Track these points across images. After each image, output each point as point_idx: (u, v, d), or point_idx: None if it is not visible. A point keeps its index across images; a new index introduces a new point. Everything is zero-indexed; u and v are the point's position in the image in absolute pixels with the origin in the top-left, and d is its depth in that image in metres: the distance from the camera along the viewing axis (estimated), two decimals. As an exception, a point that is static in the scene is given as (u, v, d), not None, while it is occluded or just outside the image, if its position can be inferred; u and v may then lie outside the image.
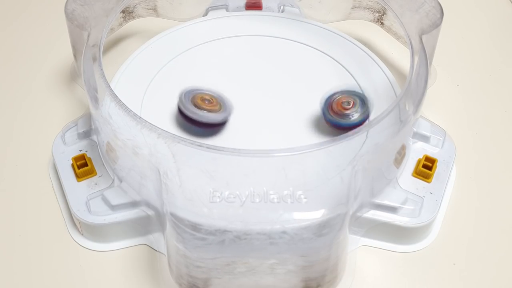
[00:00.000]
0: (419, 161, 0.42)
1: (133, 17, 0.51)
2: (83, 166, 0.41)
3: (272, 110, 0.44)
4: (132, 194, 0.38)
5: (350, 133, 0.36)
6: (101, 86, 0.39)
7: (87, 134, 0.43)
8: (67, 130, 0.43)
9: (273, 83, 0.46)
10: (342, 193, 0.35)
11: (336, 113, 0.40)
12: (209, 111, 0.41)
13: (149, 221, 0.38)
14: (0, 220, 0.41)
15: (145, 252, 0.39)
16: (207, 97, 0.42)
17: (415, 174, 0.41)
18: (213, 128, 0.42)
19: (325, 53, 0.48)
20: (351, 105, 0.40)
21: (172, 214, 0.34)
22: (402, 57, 0.51)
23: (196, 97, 0.41)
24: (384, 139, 0.37)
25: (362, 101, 0.41)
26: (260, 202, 0.34)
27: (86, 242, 0.40)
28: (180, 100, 0.41)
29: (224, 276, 0.35)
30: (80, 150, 0.42)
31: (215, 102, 0.42)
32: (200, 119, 0.41)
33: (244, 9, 0.52)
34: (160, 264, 0.38)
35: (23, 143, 0.45)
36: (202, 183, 0.34)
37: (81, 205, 0.39)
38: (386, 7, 0.47)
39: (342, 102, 0.40)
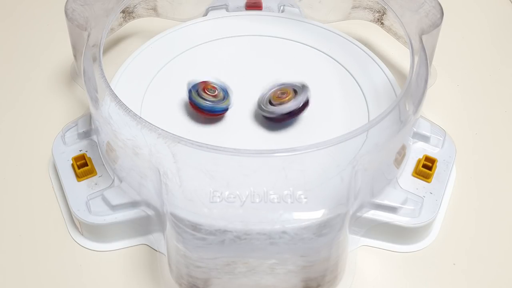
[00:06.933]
0: (419, 161, 0.42)
1: (133, 17, 0.51)
2: (83, 166, 0.41)
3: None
4: (132, 194, 0.38)
5: (350, 133, 0.36)
6: (101, 86, 0.39)
7: (87, 134, 0.43)
8: (67, 130, 0.43)
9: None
10: (342, 193, 0.35)
11: (200, 96, 0.42)
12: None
13: (149, 221, 0.38)
14: (0, 220, 0.41)
15: (145, 252, 0.39)
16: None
17: (415, 174, 0.41)
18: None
19: (325, 53, 0.48)
20: (215, 92, 0.43)
21: (172, 214, 0.34)
22: (402, 57, 0.51)
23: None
24: (384, 139, 0.37)
25: (225, 92, 0.43)
26: (260, 202, 0.34)
27: (86, 242, 0.40)
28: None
29: (224, 276, 0.35)
30: (80, 150, 0.42)
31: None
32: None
33: (244, 9, 0.52)
34: (160, 264, 0.38)
35: (23, 143, 0.45)
36: (202, 183, 0.34)
37: (81, 205, 0.39)
38: (386, 7, 0.47)
39: (208, 89, 0.43)
